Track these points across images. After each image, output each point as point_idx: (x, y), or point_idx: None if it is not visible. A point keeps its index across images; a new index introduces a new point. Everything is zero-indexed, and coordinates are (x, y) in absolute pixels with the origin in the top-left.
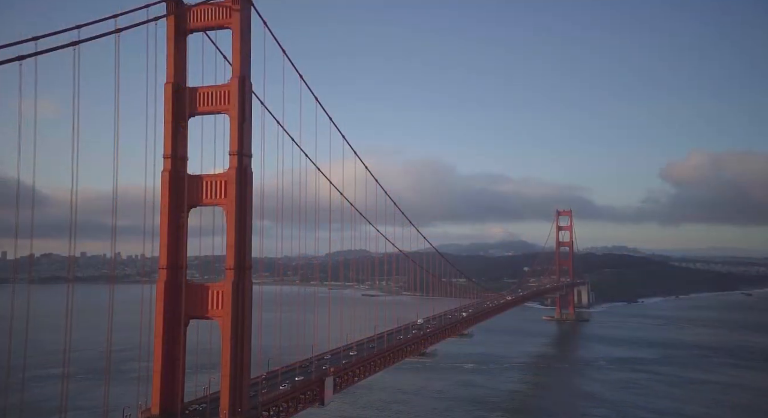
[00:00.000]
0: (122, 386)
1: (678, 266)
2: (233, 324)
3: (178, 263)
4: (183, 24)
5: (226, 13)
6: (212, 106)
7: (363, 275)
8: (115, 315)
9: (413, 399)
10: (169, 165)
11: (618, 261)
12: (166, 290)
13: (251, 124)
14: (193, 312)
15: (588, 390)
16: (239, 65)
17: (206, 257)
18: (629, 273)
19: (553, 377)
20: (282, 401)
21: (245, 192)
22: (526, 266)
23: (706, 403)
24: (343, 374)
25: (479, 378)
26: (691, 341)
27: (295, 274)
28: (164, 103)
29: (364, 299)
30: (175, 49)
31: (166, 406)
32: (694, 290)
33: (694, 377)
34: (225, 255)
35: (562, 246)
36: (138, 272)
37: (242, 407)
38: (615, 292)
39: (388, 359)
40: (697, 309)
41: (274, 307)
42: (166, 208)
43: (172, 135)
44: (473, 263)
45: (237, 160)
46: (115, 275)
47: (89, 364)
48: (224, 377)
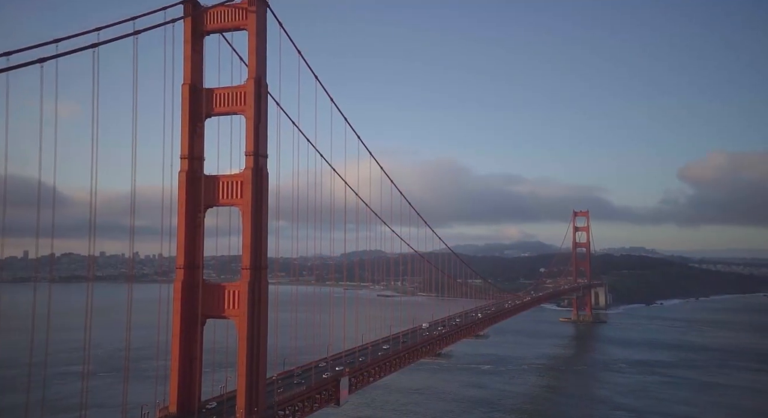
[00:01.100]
0: (141, 384)
1: (697, 268)
2: (249, 324)
3: (195, 263)
4: (200, 26)
5: (242, 15)
6: (228, 106)
7: (378, 275)
8: (133, 314)
9: (430, 400)
10: (186, 165)
11: (636, 262)
12: (183, 290)
13: (267, 124)
14: (210, 312)
15: (605, 394)
16: (255, 66)
17: (223, 256)
18: (647, 275)
19: (571, 379)
20: (298, 401)
21: (261, 192)
22: (543, 267)
23: (726, 409)
24: (358, 374)
25: (495, 380)
26: (712, 344)
27: (311, 274)
28: (181, 104)
29: (379, 299)
30: (192, 51)
31: (184, 404)
32: (714, 292)
33: (715, 381)
34: (241, 255)
35: (578, 247)
36: (156, 271)
37: (258, 407)
38: (633, 294)
39: (403, 360)
40: (718, 311)
41: (289, 307)
42: (183, 208)
43: (189, 136)
44: (489, 264)
45: (253, 161)
46: (133, 275)
47: (109, 362)
48: (240, 376)
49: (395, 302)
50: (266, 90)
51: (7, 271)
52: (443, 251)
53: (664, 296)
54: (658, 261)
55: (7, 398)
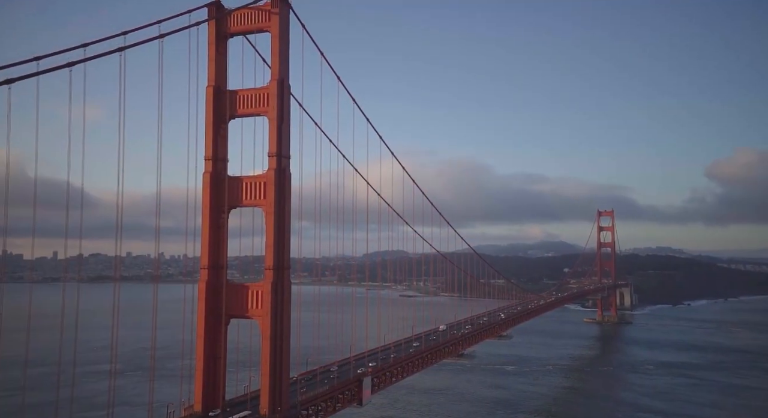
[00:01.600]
0: (167, 383)
1: (726, 268)
2: (272, 324)
3: (219, 263)
4: (224, 28)
5: (265, 17)
6: (252, 108)
7: (400, 275)
8: (159, 314)
9: (453, 401)
10: (210, 167)
11: (662, 262)
12: (207, 290)
13: (290, 125)
14: (234, 311)
15: (631, 396)
16: (278, 68)
17: (246, 257)
18: (674, 275)
19: (595, 381)
20: (321, 401)
21: (284, 193)
22: (567, 267)
23: (755, 411)
24: (381, 374)
25: (519, 381)
26: (741, 346)
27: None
28: (206, 106)
29: (402, 299)
30: (216, 53)
31: (208, 403)
32: (743, 292)
33: (744, 383)
34: (264, 255)
35: (603, 247)
36: (180, 271)
37: (282, 406)
38: (659, 294)
39: (425, 360)
40: (747, 312)
41: (312, 307)
42: (207, 209)
43: (213, 137)
44: (512, 264)
45: (276, 162)
46: (159, 275)
47: (136, 361)
48: (264, 375)
49: (417, 302)
50: (289, 91)
51: (38, 271)
52: (466, 251)
53: (691, 297)
54: (685, 261)
55: (38, 395)
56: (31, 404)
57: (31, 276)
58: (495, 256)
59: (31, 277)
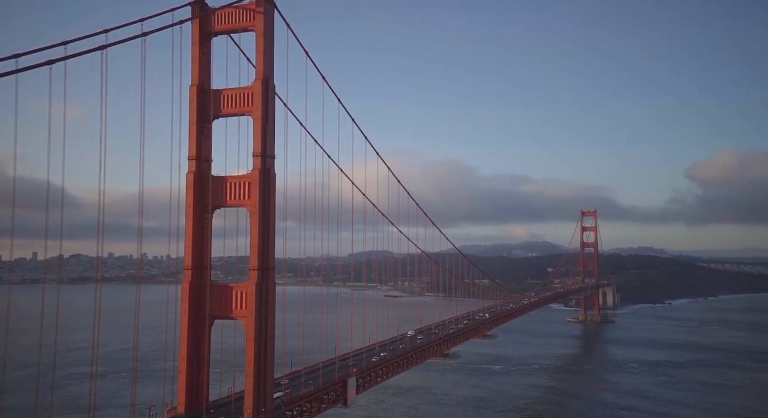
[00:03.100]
0: (150, 385)
1: (706, 268)
2: (257, 324)
3: (203, 264)
4: (207, 27)
5: (249, 16)
6: (236, 108)
7: (385, 275)
8: (141, 315)
9: (439, 401)
10: (194, 167)
11: (644, 262)
12: (191, 291)
13: (274, 125)
14: (218, 312)
15: (614, 395)
16: (262, 67)
17: (230, 257)
18: (655, 274)
19: (580, 380)
20: (305, 401)
21: (268, 193)
22: (550, 267)
23: (736, 410)
24: (365, 374)
25: (504, 380)
26: (721, 345)
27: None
28: (189, 106)
29: (387, 299)
30: (200, 52)
31: (192, 405)
32: (723, 291)
33: (724, 382)
34: (248, 256)
35: (586, 247)
36: (164, 272)
37: (266, 407)
38: (641, 293)
39: (410, 360)
40: (727, 311)
41: (297, 307)
42: (190, 209)
43: (197, 137)
44: (496, 264)
45: (260, 162)
46: (141, 276)
47: (118, 363)
48: (248, 376)
49: (402, 302)
50: (273, 91)
51: (17, 272)
52: (451, 252)
53: (672, 296)
54: (666, 261)
55: (17, 398)
56: (10, 407)
57: (10, 277)
58: (480, 256)
59: (10, 278)
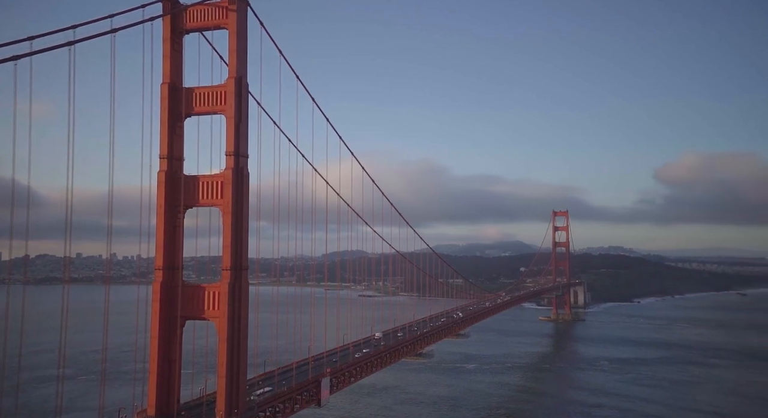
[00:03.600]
0: (119, 387)
1: (673, 267)
2: (230, 325)
3: (174, 264)
4: (179, 24)
5: (222, 14)
6: (209, 106)
7: (360, 275)
8: (111, 316)
9: (413, 400)
10: (165, 165)
11: (614, 261)
12: (162, 291)
13: (248, 124)
14: (189, 313)
15: (585, 394)
16: (236, 66)
17: (202, 257)
18: (625, 273)
19: (552, 378)
20: (278, 402)
21: (242, 193)
22: (523, 267)
23: (702, 405)
24: (339, 374)
25: (478, 379)
26: (687, 342)
27: (292, 275)
28: (160, 104)
29: (361, 299)
30: (171, 50)
31: (162, 407)
32: (689, 290)
33: (692, 379)
34: (221, 256)
35: (558, 246)
36: (134, 272)
37: (239, 408)
38: (611, 292)
39: (384, 360)
40: (693, 309)
41: (270, 307)
42: (162, 208)
43: (169, 135)
44: (470, 264)
45: (233, 161)
46: (110, 276)
47: (87, 365)
48: (220, 377)
49: (377, 302)
50: (247, 90)
51: None
52: (425, 251)
53: (640, 295)
54: (635, 260)
55: None
56: None
57: None
58: (454, 255)
59: None
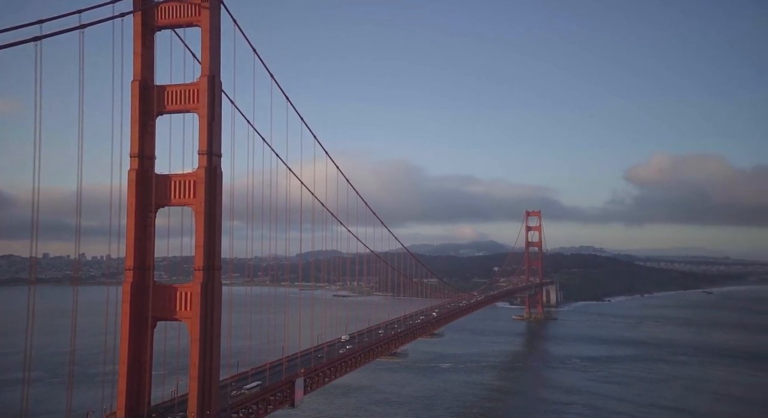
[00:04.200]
0: (88, 390)
1: (643, 266)
2: (202, 326)
3: (145, 264)
4: (150, 21)
5: (195, 11)
6: (181, 104)
7: (334, 275)
8: (80, 317)
9: (388, 400)
10: (136, 164)
11: (585, 261)
12: (132, 292)
13: (221, 123)
14: (161, 314)
15: (558, 392)
16: (208, 63)
17: (174, 257)
18: (596, 273)
19: (526, 376)
20: (251, 403)
21: (215, 192)
22: (496, 266)
23: (670, 401)
24: (313, 374)
25: (452, 378)
26: (656, 339)
27: (266, 274)
28: (131, 101)
29: (335, 299)
30: (143, 46)
31: (132, 409)
32: (657, 288)
33: (659, 376)
34: (194, 256)
35: (531, 246)
36: (103, 273)
37: (211, 410)
38: (582, 291)
39: (359, 360)
40: (661, 308)
41: (243, 308)
42: (132, 208)
43: (140, 134)
44: (444, 264)
45: (206, 160)
46: (78, 277)
47: (54, 367)
48: (192, 379)
49: (351, 302)
50: (220, 88)
51: None
52: (399, 251)
53: (611, 294)
54: (606, 259)
55: None
56: None
57: None
58: (428, 255)
59: None
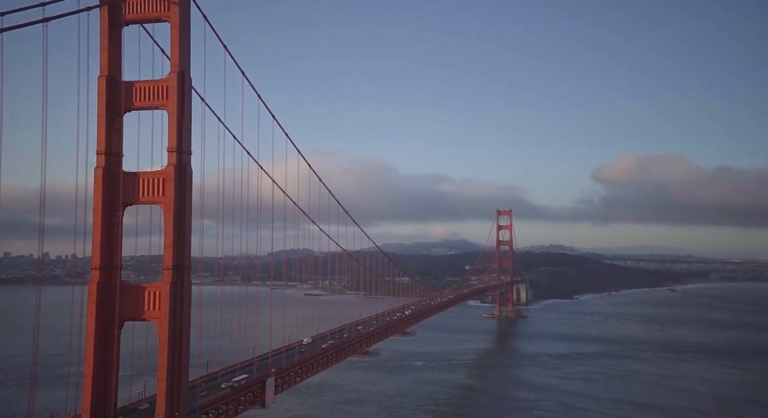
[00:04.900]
0: (52, 392)
1: (610, 264)
2: (171, 326)
3: (112, 263)
4: (117, 15)
5: (163, 6)
6: (150, 101)
7: (306, 274)
8: (44, 318)
9: (361, 398)
10: (103, 161)
11: (555, 259)
12: (98, 292)
13: (191, 120)
14: (128, 314)
15: (528, 389)
16: (178, 59)
17: (142, 256)
18: (565, 271)
19: (497, 374)
20: (221, 404)
21: (184, 190)
22: (468, 265)
23: (641, 394)
24: (284, 374)
25: (424, 377)
26: (622, 336)
27: (237, 274)
28: (98, 98)
29: (307, 298)
30: (109, 42)
31: (98, 411)
32: (624, 286)
33: (621, 373)
34: (162, 255)
35: (502, 245)
36: (68, 272)
37: (179, 411)
38: (552, 289)
39: (330, 359)
40: (627, 305)
41: (214, 308)
42: (99, 206)
43: (107, 130)
44: (416, 262)
45: (176, 158)
46: (42, 276)
47: (17, 369)
48: (161, 380)
49: (323, 301)
50: (190, 84)
51: None
52: (372, 250)
53: (580, 291)
54: (575, 258)
55: None
56: None
57: None
58: (400, 254)
59: None
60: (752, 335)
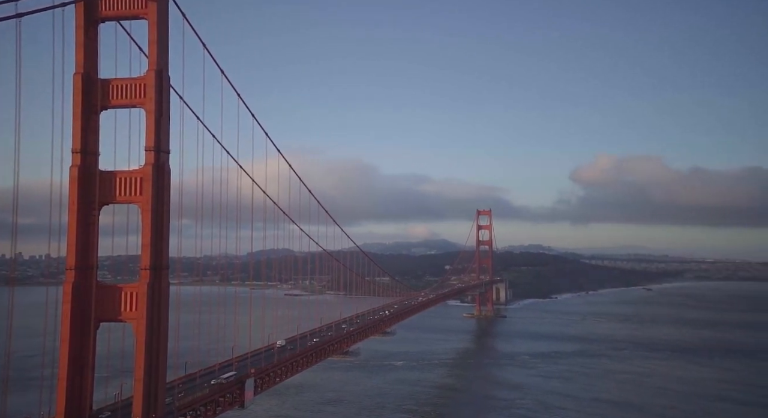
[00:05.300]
0: (26, 394)
1: (588, 264)
2: (148, 326)
3: (88, 264)
4: (94, 12)
5: (141, 3)
6: (127, 99)
7: (286, 274)
8: (18, 319)
9: (341, 398)
10: (79, 160)
11: (534, 259)
12: (73, 292)
13: (169, 119)
14: (105, 315)
15: (507, 388)
16: (156, 57)
17: (119, 256)
18: (544, 271)
19: (477, 373)
20: (200, 405)
21: (162, 189)
22: (448, 265)
23: (617, 392)
24: (264, 374)
25: (404, 376)
26: (599, 335)
27: (216, 274)
28: (73, 95)
29: (287, 298)
30: (85, 38)
31: (73, 413)
32: (601, 286)
33: (598, 372)
34: (140, 255)
35: (482, 245)
36: (42, 273)
37: (157, 413)
38: (531, 289)
39: (310, 359)
40: (604, 304)
41: (192, 308)
42: (75, 205)
43: (82, 129)
44: (397, 262)
45: (154, 157)
46: (15, 276)
47: None
48: (137, 381)
49: (303, 301)
50: (168, 82)
51: None
52: (352, 249)
53: (558, 291)
54: (553, 258)
55: None
56: None
57: None
58: (381, 254)
59: None
60: (726, 333)
